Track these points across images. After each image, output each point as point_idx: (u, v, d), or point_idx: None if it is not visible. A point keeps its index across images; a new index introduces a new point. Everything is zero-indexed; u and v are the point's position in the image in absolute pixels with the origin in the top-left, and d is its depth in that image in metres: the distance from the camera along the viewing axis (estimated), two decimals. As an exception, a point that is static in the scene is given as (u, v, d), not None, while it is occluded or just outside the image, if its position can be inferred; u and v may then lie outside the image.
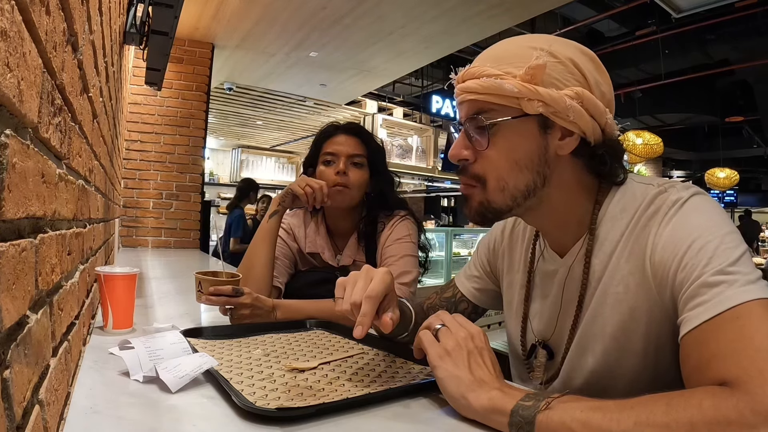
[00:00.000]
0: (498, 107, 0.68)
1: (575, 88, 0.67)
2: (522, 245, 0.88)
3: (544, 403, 0.53)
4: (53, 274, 0.50)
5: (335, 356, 0.85)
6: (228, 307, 1.04)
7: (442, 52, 4.45)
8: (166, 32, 2.04)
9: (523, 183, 0.69)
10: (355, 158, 1.33)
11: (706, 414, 0.46)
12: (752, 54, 6.41)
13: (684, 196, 0.66)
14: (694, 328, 0.56)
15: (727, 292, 0.55)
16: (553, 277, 0.79)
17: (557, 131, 0.69)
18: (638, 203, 0.70)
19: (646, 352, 0.68)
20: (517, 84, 0.65)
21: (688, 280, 0.59)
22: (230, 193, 9.28)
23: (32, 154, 0.39)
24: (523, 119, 0.67)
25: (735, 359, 0.51)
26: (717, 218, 0.63)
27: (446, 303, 0.99)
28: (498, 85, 0.66)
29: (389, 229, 1.34)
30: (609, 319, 0.70)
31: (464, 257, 5.86)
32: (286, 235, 1.43)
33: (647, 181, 0.73)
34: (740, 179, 9.92)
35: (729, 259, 0.58)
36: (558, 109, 0.66)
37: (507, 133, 0.68)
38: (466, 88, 0.70)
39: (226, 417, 0.58)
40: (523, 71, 0.65)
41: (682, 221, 0.64)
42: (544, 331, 0.81)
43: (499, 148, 0.69)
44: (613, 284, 0.70)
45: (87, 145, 0.83)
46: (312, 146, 1.42)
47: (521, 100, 0.66)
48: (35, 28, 0.37)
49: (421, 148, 8.63)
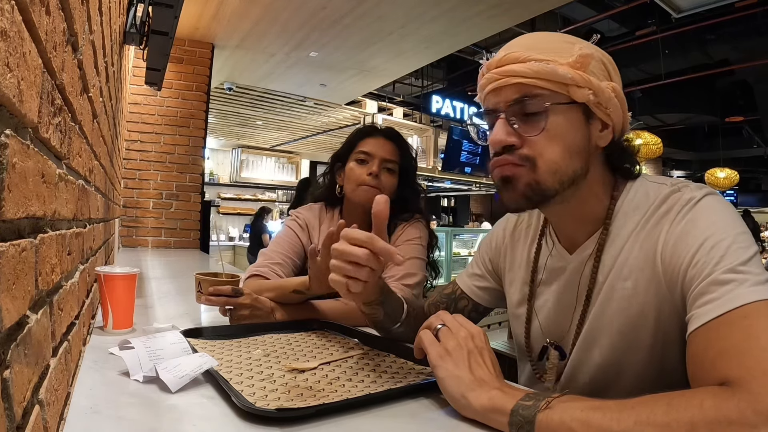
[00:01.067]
0: (546, 92, 0.66)
1: (611, 83, 0.68)
2: (525, 243, 0.88)
3: (544, 402, 0.53)
4: (53, 274, 0.50)
5: (335, 356, 0.85)
6: (228, 308, 1.04)
7: (442, 52, 4.45)
8: (166, 32, 2.04)
9: (572, 169, 0.68)
10: (388, 163, 1.32)
11: (707, 414, 0.46)
12: (752, 54, 6.41)
13: (697, 195, 0.67)
14: (702, 325, 0.56)
15: (737, 291, 0.55)
16: (561, 274, 0.79)
17: (597, 122, 0.70)
18: (651, 201, 0.70)
19: (653, 348, 0.68)
20: (569, 70, 0.65)
21: (698, 276, 0.60)
22: (230, 192, 9.30)
23: (32, 154, 0.39)
24: (570, 106, 0.67)
25: (740, 358, 0.51)
26: (730, 218, 0.64)
27: (446, 299, 1.00)
28: (551, 70, 0.65)
29: (401, 230, 1.33)
30: (616, 314, 0.70)
31: (464, 257, 5.86)
32: (301, 231, 1.39)
33: (661, 181, 0.73)
34: (740, 179, 9.92)
35: (741, 258, 0.58)
36: (602, 99, 0.67)
37: (558, 118, 0.67)
38: (509, 72, 0.67)
39: (226, 417, 0.58)
40: (573, 58, 0.65)
41: (695, 220, 0.64)
42: (551, 328, 0.81)
43: (552, 134, 0.67)
44: (620, 279, 0.70)
45: (87, 145, 0.83)
46: (345, 142, 1.40)
47: (570, 87, 0.66)
48: (35, 28, 0.37)
49: (421, 148, 8.62)
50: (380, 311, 0.87)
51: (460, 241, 6.05)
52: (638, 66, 7.34)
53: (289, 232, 1.37)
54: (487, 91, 0.71)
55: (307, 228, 1.41)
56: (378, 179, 1.30)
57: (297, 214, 1.43)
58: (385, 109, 8.00)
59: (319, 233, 1.40)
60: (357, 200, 1.31)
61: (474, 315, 0.97)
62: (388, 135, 1.37)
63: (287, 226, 1.40)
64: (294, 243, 1.36)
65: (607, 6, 6.09)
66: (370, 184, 1.29)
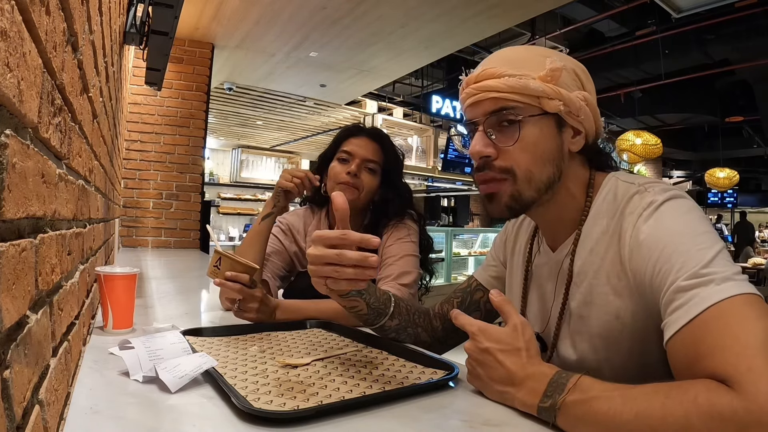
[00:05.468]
0: (519, 105, 0.71)
1: (582, 92, 0.73)
2: (524, 240, 0.92)
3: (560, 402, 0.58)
4: (53, 274, 0.50)
5: (329, 353, 0.85)
6: (237, 299, 1.03)
7: (442, 52, 4.45)
8: (166, 32, 2.04)
9: (546, 175, 0.73)
10: (370, 163, 1.32)
11: (701, 409, 0.48)
12: (752, 54, 6.41)
13: (659, 199, 0.67)
14: (676, 333, 0.56)
15: (703, 293, 0.55)
16: (544, 270, 0.83)
17: (569, 130, 0.74)
18: (618, 201, 0.72)
19: (631, 351, 0.70)
20: (540, 84, 0.70)
21: (663, 285, 0.60)
22: (230, 193, 9.30)
23: (32, 154, 0.39)
24: (542, 117, 0.72)
25: (723, 357, 0.51)
26: (690, 221, 0.64)
27: (461, 293, 1.01)
28: (523, 84, 0.70)
29: (390, 229, 1.34)
30: (596, 318, 0.72)
31: (464, 257, 5.86)
32: (284, 235, 1.41)
33: (630, 180, 0.75)
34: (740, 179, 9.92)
35: (702, 261, 0.58)
36: (572, 109, 0.72)
37: (531, 129, 0.72)
38: (486, 87, 0.72)
39: (226, 417, 0.58)
40: (544, 72, 0.70)
41: (654, 226, 0.65)
42: (535, 321, 0.84)
43: (526, 143, 0.72)
44: (600, 284, 0.72)
45: (87, 145, 0.83)
46: (332, 142, 1.41)
47: (542, 99, 0.71)
48: (35, 28, 0.37)
49: (421, 148, 8.63)
50: (361, 303, 0.86)
51: (460, 241, 6.05)
52: (638, 66, 7.34)
53: (272, 237, 1.37)
54: (466, 105, 0.77)
55: (291, 232, 1.43)
56: (357, 178, 1.30)
57: (281, 218, 1.43)
58: (385, 109, 8.00)
59: (306, 236, 1.42)
60: None
61: (489, 306, 0.98)
62: (372, 135, 1.37)
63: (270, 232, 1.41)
64: (276, 246, 1.39)
65: (607, 6, 6.09)
66: (347, 182, 1.29)
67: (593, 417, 0.54)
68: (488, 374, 0.67)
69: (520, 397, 0.62)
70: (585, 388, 0.57)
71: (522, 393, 0.62)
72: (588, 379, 0.58)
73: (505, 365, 0.65)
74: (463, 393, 0.71)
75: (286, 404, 0.61)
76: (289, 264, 1.42)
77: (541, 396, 0.59)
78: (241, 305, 1.03)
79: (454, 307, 0.98)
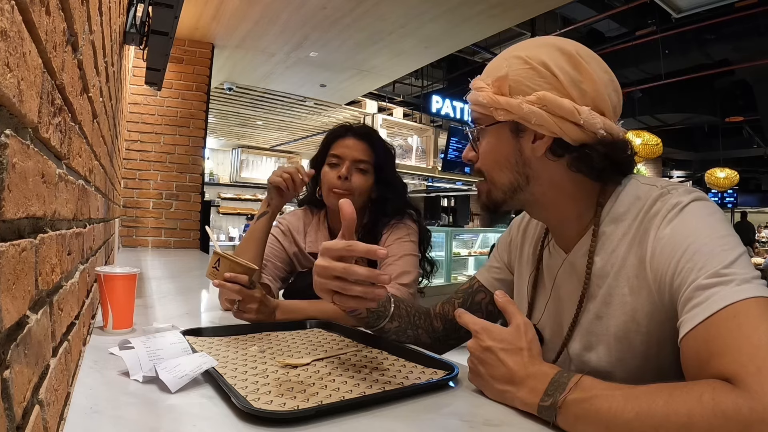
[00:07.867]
0: (480, 117, 0.78)
1: (539, 92, 0.71)
2: (532, 240, 0.91)
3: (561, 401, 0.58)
4: (53, 274, 0.50)
5: (329, 353, 0.85)
6: (236, 299, 1.03)
7: (442, 52, 4.45)
8: (166, 32, 2.04)
9: (505, 180, 0.77)
10: (360, 164, 1.32)
11: (704, 408, 0.47)
12: (752, 54, 6.41)
13: (684, 200, 0.67)
14: (691, 330, 0.56)
15: (722, 292, 0.56)
16: (556, 271, 0.82)
17: (529, 134, 0.74)
18: (641, 204, 0.71)
19: (648, 354, 0.69)
20: (486, 96, 0.75)
21: (684, 284, 0.60)
22: (230, 193, 9.31)
23: (32, 154, 0.39)
24: (498, 125, 0.75)
25: (733, 357, 0.51)
26: (715, 223, 0.64)
27: (463, 294, 1.01)
28: (475, 98, 0.77)
29: (389, 229, 1.33)
30: (613, 320, 0.71)
31: (464, 257, 5.86)
32: (283, 236, 1.41)
33: (651, 182, 0.74)
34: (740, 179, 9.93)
35: (724, 261, 0.58)
36: (520, 115, 0.72)
37: (488, 137, 0.78)
38: (470, 97, 0.80)
39: (226, 417, 0.58)
40: (491, 84, 0.75)
41: (679, 226, 0.65)
42: (543, 320, 0.84)
43: (485, 151, 0.79)
44: (619, 285, 0.71)
45: (87, 145, 0.83)
46: (321, 145, 1.40)
47: (492, 110, 0.74)
48: (35, 28, 0.37)
49: (421, 148, 8.63)
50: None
51: (460, 241, 6.05)
52: (638, 66, 7.34)
53: (271, 238, 1.36)
54: None
55: (291, 233, 1.42)
56: (348, 181, 1.30)
57: (280, 219, 1.43)
58: (385, 109, 8.00)
59: (305, 237, 1.41)
60: (330, 205, 1.33)
61: (491, 308, 0.98)
62: (359, 134, 1.36)
63: (270, 232, 1.40)
64: (276, 248, 1.38)
65: (607, 6, 6.09)
66: (340, 188, 1.29)
67: (594, 416, 0.54)
68: (490, 373, 0.67)
69: (520, 396, 0.63)
70: (586, 387, 0.57)
71: (523, 392, 0.62)
72: (589, 378, 0.59)
73: (507, 364, 0.65)
74: (463, 393, 0.71)
75: (286, 404, 0.61)
76: (289, 265, 1.42)
77: (542, 395, 0.60)
78: (241, 306, 1.03)
79: (455, 308, 0.98)
